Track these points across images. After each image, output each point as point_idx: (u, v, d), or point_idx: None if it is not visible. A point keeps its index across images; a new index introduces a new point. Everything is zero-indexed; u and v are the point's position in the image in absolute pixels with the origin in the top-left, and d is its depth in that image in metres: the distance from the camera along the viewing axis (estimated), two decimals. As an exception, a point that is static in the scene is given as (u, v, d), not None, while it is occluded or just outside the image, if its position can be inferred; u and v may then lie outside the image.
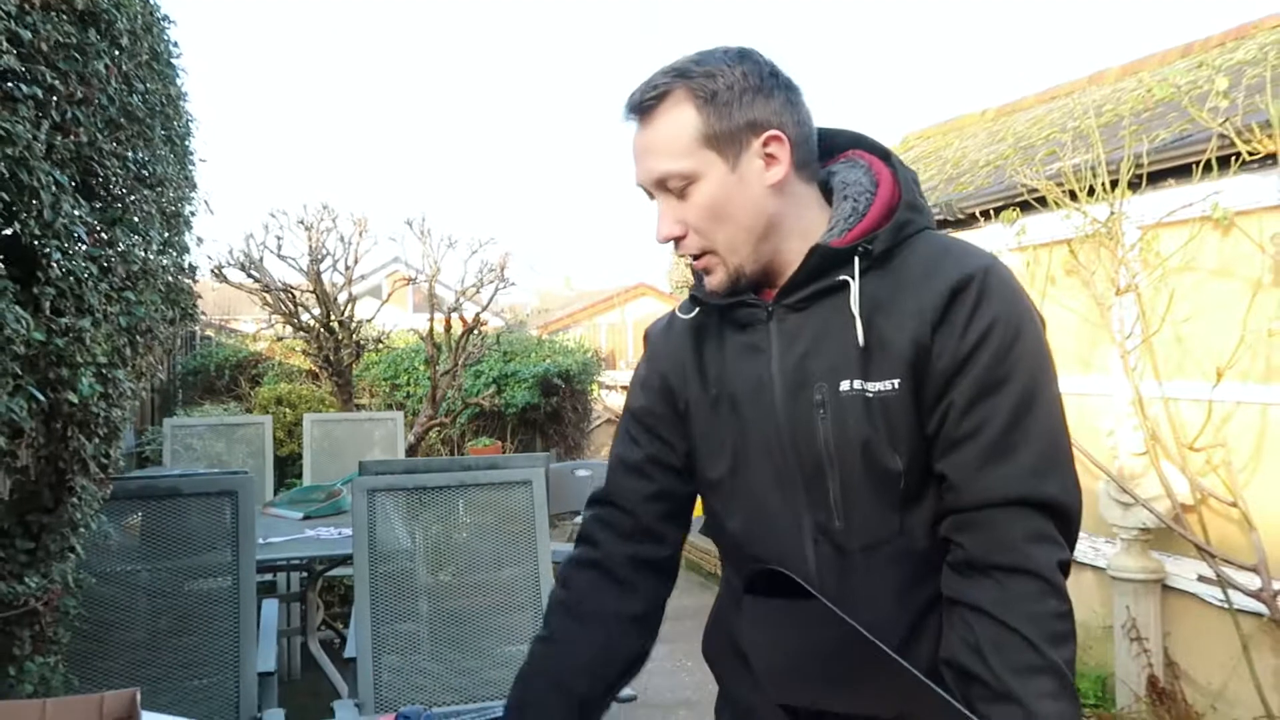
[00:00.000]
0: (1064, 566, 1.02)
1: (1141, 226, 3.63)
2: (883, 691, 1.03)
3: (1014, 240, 4.17)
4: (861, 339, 1.07)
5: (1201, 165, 3.28)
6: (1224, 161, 3.22)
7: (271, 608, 3.02)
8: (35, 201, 1.29)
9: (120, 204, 1.69)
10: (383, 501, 2.64)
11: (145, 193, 1.78)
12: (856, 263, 1.09)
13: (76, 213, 1.44)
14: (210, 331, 10.06)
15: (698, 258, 1.15)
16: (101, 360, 1.55)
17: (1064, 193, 3.72)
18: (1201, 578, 3.47)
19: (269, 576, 4.13)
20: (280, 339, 7.80)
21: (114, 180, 1.62)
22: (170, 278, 2.04)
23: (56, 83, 1.32)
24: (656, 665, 4.51)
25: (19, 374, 1.32)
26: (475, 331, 6.60)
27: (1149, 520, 3.51)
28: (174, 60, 2.05)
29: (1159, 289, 3.54)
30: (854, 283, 1.08)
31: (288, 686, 3.96)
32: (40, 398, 1.39)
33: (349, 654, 2.57)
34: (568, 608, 1.27)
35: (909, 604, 1.11)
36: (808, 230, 1.14)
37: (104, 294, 1.57)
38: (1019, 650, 0.97)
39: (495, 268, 6.80)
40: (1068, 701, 0.97)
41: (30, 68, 1.26)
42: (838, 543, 1.11)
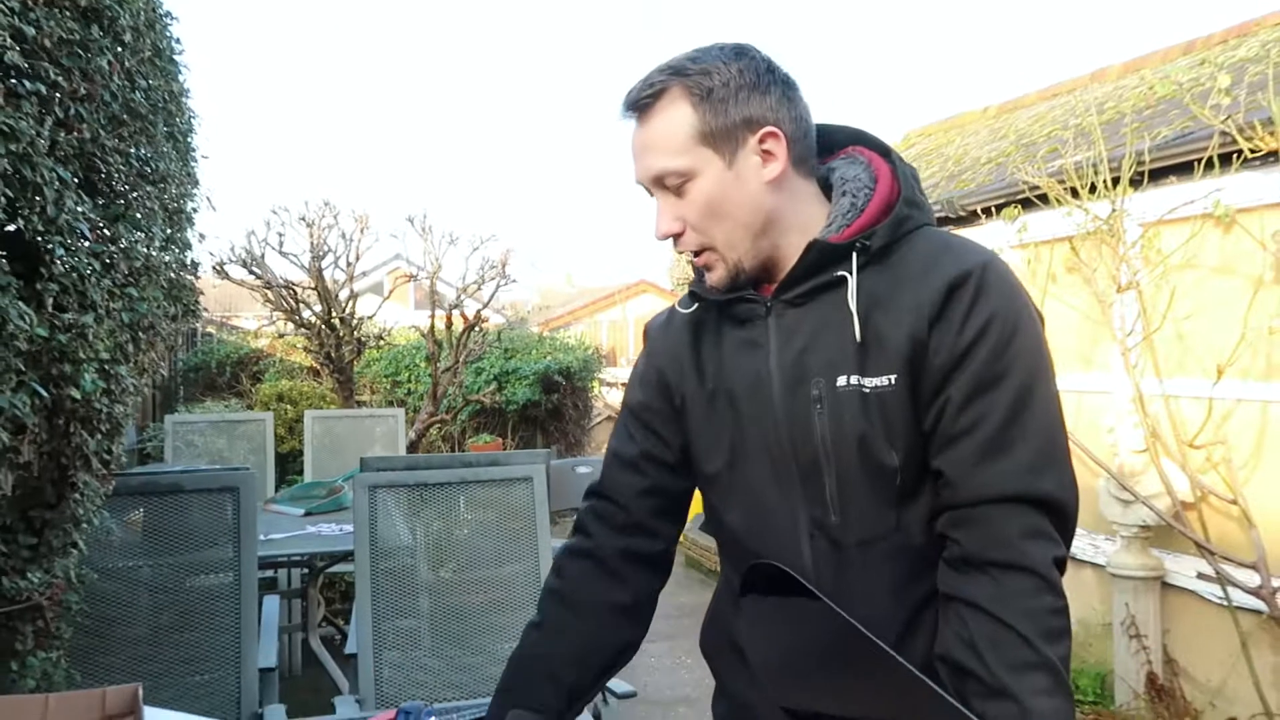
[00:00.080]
0: (1060, 563, 1.02)
1: (1143, 224, 3.63)
2: (878, 689, 1.03)
3: (1015, 237, 4.17)
4: (858, 334, 1.07)
5: (1203, 162, 3.28)
6: (1226, 159, 3.22)
7: (273, 604, 3.02)
8: (38, 198, 1.29)
9: (123, 200, 1.70)
10: (384, 498, 2.65)
11: (148, 189, 1.79)
12: (854, 258, 1.09)
13: (79, 209, 1.44)
14: (212, 328, 10.08)
15: (697, 254, 1.16)
16: (104, 356, 1.56)
17: (1065, 190, 3.72)
18: (1201, 575, 3.48)
19: (270, 573, 4.14)
20: (281, 336, 7.80)
21: (117, 177, 1.63)
22: (173, 274, 2.04)
23: (60, 79, 1.33)
24: (656, 662, 4.52)
25: (22, 370, 1.33)
26: (476, 328, 6.60)
27: (1149, 517, 3.52)
28: (176, 57, 2.05)
29: (1160, 286, 3.54)
30: (851, 278, 1.09)
31: (288, 682, 3.97)
32: (43, 394, 1.39)
33: (350, 650, 2.57)
34: (560, 596, 1.29)
35: (905, 599, 1.11)
36: (807, 226, 1.14)
37: (107, 290, 1.57)
38: (1014, 646, 0.98)
39: (496, 264, 6.80)
40: (1062, 698, 0.97)
41: (34, 64, 1.26)
42: (834, 538, 1.12)
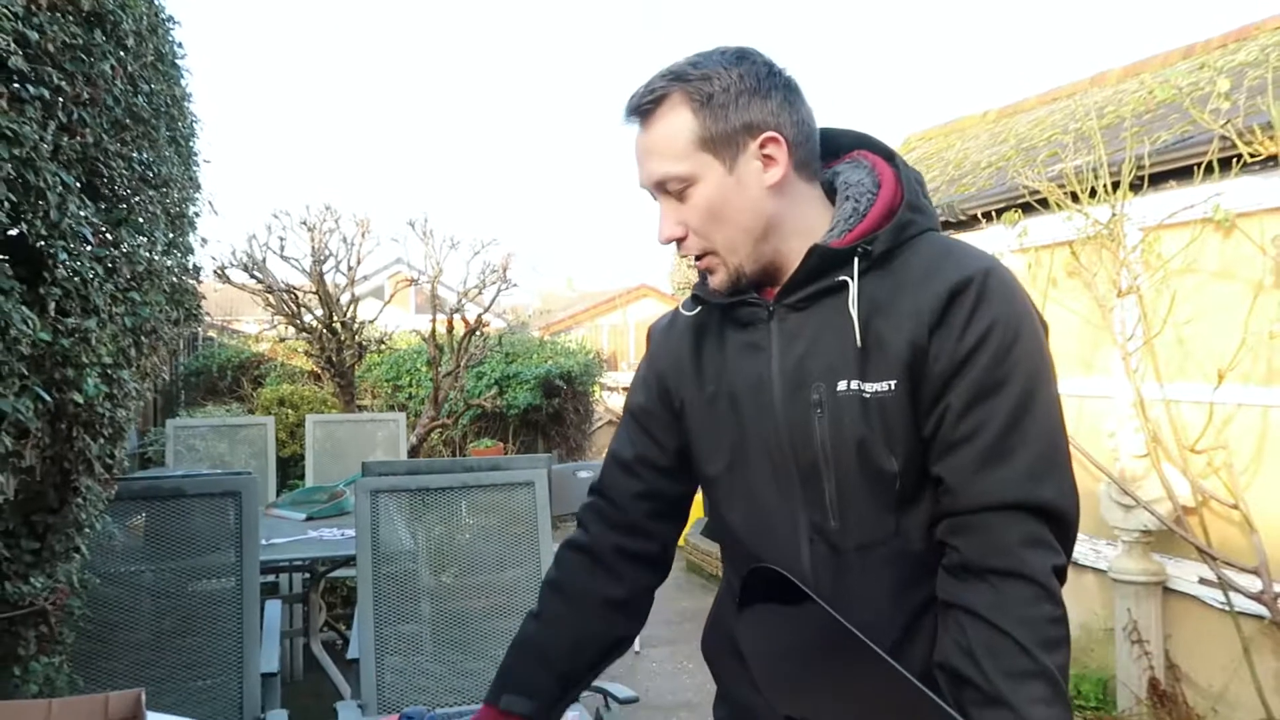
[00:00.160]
0: (1059, 572, 1.02)
1: (1143, 228, 3.63)
2: (876, 696, 1.03)
3: (1015, 242, 4.17)
4: (859, 339, 1.07)
5: (1203, 167, 3.28)
6: (1225, 163, 3.23)
7: (274, 609, 3.01)
8: (42, 202, 1.29)
9: (125, 205, 1.70)
10: (386, 503, 2.65)
11: (150, 193, 1.79)
12: (855, 263, 1.09)
13: (82, 213, 1.44)
14: (213, 332, 10.08)
15: (699, 258, 1.16)
16: (107, 361, 1.56)
17: (1066, 194, 3.72)
18: (1203, 580, 3.47)
19: (271, 577, 4.14)
20: (283, 340, 7.81)
21: (119, 181, 1.63)
22: (175, 278, 2.05)
23: (63, 84, 1.33)
24: (658, 667, 4.51)
25: (25, 374, 1.33)
26: (477, 333, 6.60)
27: (1150, 522, 3.52)
28: (178, 61, 2.06)
29: (1160, 291, 3.54)
30: (853, 283, 1.09)
31: (290, 688, 3.96)
32: (46, 398, 1.39)
33: (352, 655, 2.57)
34: (558, 588, 1.33)
35: (904, 605, 1.11)
36: (809, 230, 1.14)
37: (109, 294, 1.57)
38: (1012, 655, 0.97)
39: (498, 269, 6.81)
40: (1060, 708, 0.97)
41: (37, 68, 1.26)
42: (833, 542, 1.12)
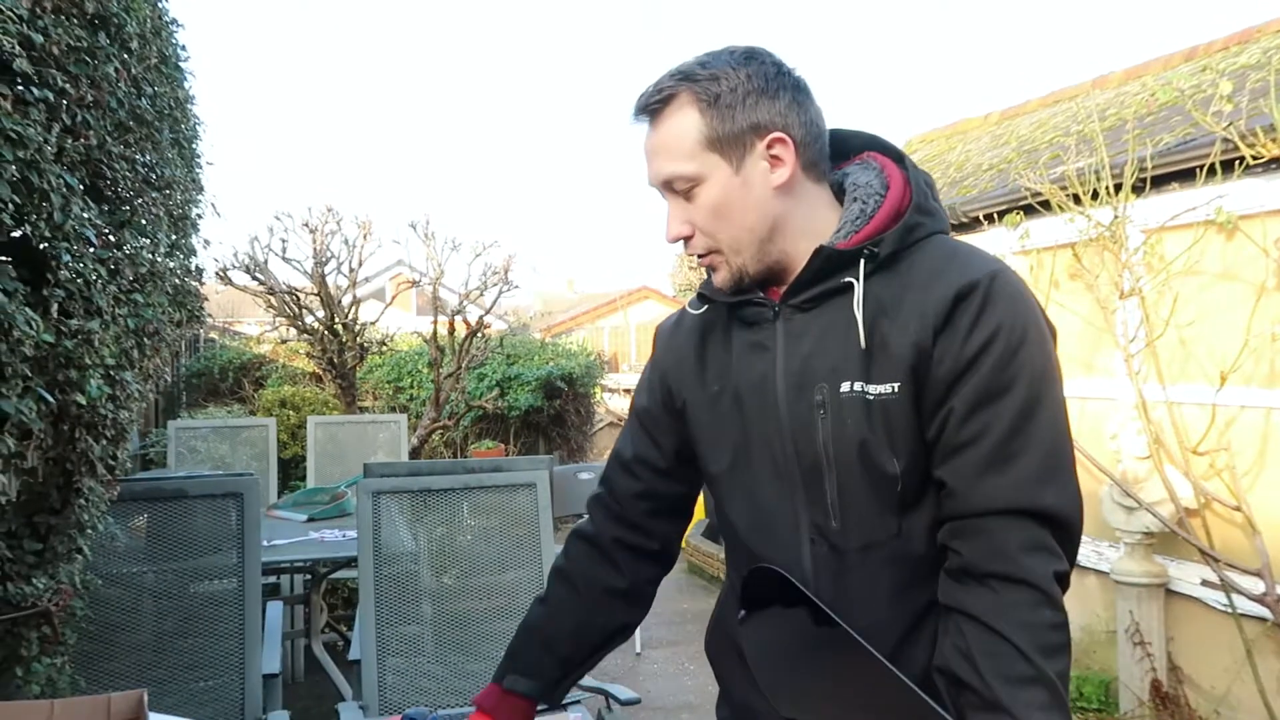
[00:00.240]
0: (1061, 578, 1.01)
1: (1145, 230, 3.63)
2: (874, 700, 1.03)
3: (1017, 244, 4.17)
4: (863, 341, 1.07)
5: (1205, 169, 3.28)
6: (1228, 165, 3.23)
7: (276, 610, 3.02)
8: (45, 204, 1.29)
9: (129, 207, 1.70)
10: (387, 504, 2.65)
11: (153, 195, 1.79)
12: (861, 265, 1.09)
13: (86, 215, 1.44)
14: (214, 334, 10.08)
15: (704, 256, 1.16)
16: (110, 362, 1.56)
17: (1068, 196, 3.72)
18: (1205, 582, 3.47)
19: (273, 579, 4.14)
20: (284, 341, 7.81)
21: (123, 183, 1.63)
22: (177, 280, 2.05)
23: (67, 86, 1.33)
24: (659, 668, 4.51)
25: (28, 376, 1.33)
26: (479, 334, 6.60)
27: (1152, 524, 3.51)
28: (181, 63, 2.06)
29: (1162, 293, 3.54)
30: (858, 285, 1.09)
31: (291, 689, 3.96)
32: (49, 399, 1.39)
33: (353, 656, 2.57)
34: (564, 575, 1.38)
35: (905, 607, 1.11)
36: (817, 231, 1.14)
37: (112, 296, 1.57)
38: (1011, 660, 0.97)
39: (499, 271, 6.81)
40: (1059, 714, 0.97)
41: (41, 71, 1.27)
42: (834, 543, 1.12)
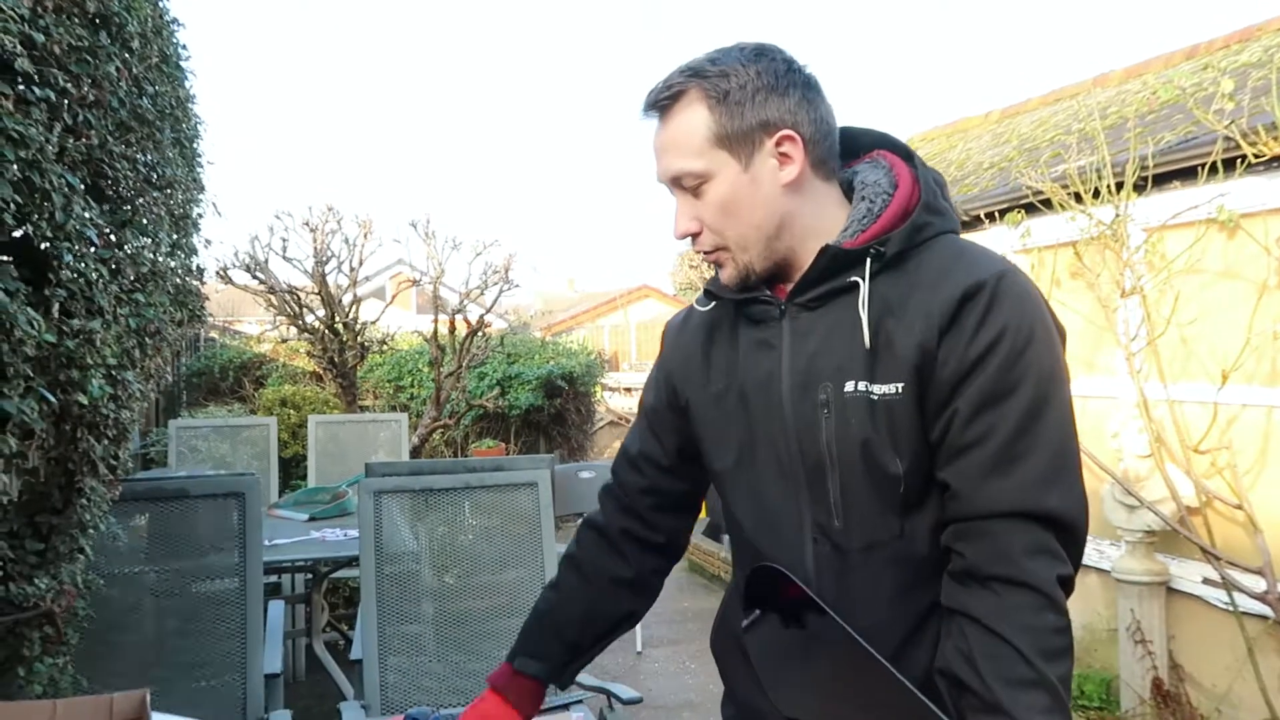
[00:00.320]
0: (1064, 582, 1.01)
1: (1146, 229, 3.63)
2: (875, 702, 1.03)
3: (1019, 242, 4.17)
4: (868, 341, 1.07)
5: (1207, 167, 3.28)
6: (1229, 164, 3.22)
7: (277, 609, 3.02)
8: (47, 204, 1.29)
9: (130, 206, 1.70)
10: (389, 503, 2.64)
11: (154, 195, 1.79)
12: (868, 264, 1.09)
13: (87, 215, 1.44)
14: (215, 333, 10.08)
15: (711, 253, 1.17)
16: (111, 362, 1.56)
17: (1069, 195, 3.72)
18: (1206, 580, 3.47)
19: (274, 578, 4.14)
20: (285, 341, 7.81)
21: (124, 183, 1.63)
22: (179, 279, 2.04)
23: (68, 85, 1.33)
24: (660, 667, 4.51)
25: (30, 376, 1.32)
26: (479, 333, 6.60)
27: (1154, 523, 3.51)
28: (182, 63, 2.06)
29: (1164, 291, 3.54)
30: (864, 284, 1.08)
31: (293, 688, 3.97)
32: (51, 399, 1.39)
33: (355, 656, 2.57)
34: (574, 563, 1.42)
35: (907, 608, 1.11)
36: (825, 229, 1.14)
37: (114, 296, 1.57)
38: (1012, 663, 0.97)
39: (499, 269, 6.81)
40: (1060, 718, 0.96)
41: (43, 70, 1.26)
42: (836, 542, 1.12)
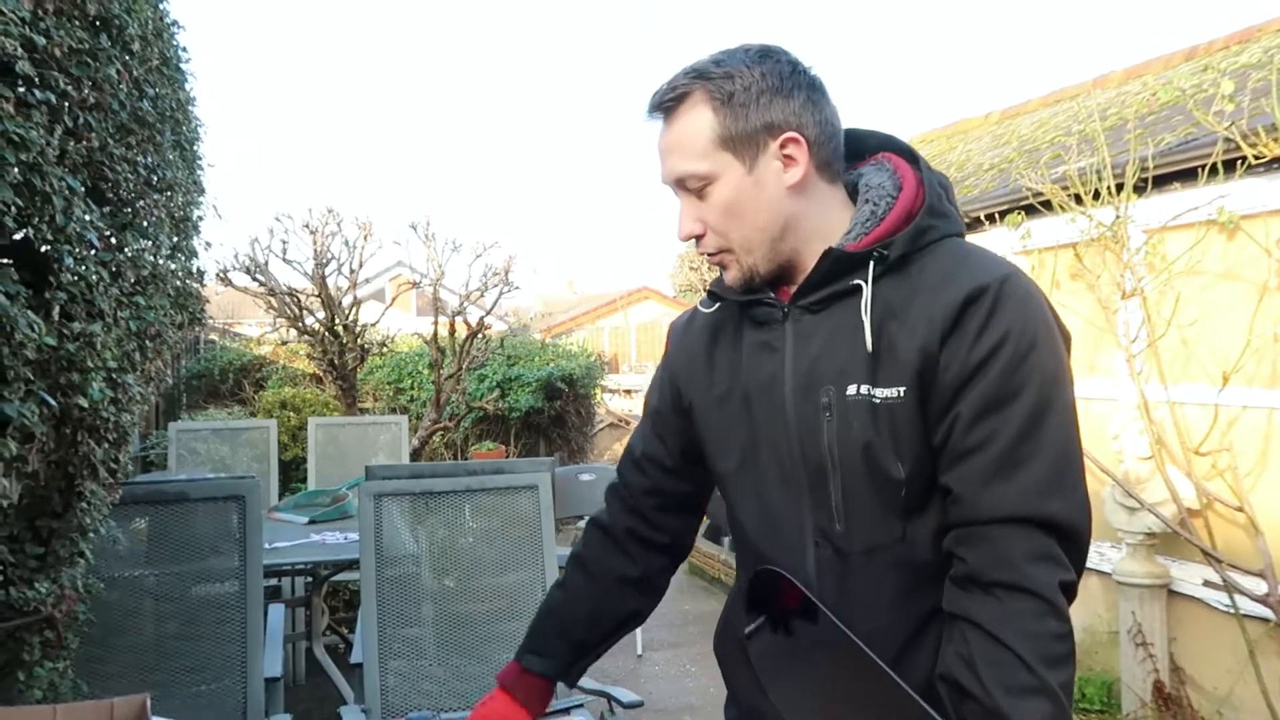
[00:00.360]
0: (1067, 588, 1.00)
1: (1147, 230, 3.63)
2: (875, 707, 1.03)
3: (1019, 244, 4.17)
4: (870, 344, 1.07)
5: (1207, 169, 3.28)
6: (1230, 165, 3.22)
7: (277, 613, 3.01)
8: (48, 206, 1.29)
9: (130, 209, 1.69)
10: (389, 506, 2.64)
11: (155, 197, 1.78)
12: (870, 267, 1.09)
13: (88, 218, 1.44)
14: (215, 335, 10.07)
15: (715, 255, 1.16)
16: (112, 365, 1.55)
17: (1069, 196, 3.72)
18: (1207, 583, 3.47)
19: (274, 581, 4.13)
20: (285, 343, 7.80)
21: (124, 185, 1.62)
22: (179, 282, 2.04)
23: (69, 88, 1.32)
24: (660, 670, 4.51)
25: (30, 379, 1.32)
26: (479, 335, 6.60)
27: (1154, 525, 3.51)
28: (183, 65, 2.06)
29: (1164, 293, 3.54)
30: (866, 287, 1.08)
31: (292, 692, 3.96)
32: (51, 402, 1.39)
33: (355, 659, 2.57)
34: (581, 561, 1.42)
35: (908, 612, 1.10)
36: (829, 232, 1.14)
37: (114, 299, 1.57)
38: (1013, 670, 0.96)
39: (499, 271, 6.80)
40: None
41: (44, 73, 1.26)
42: (838, 546, 1.12)
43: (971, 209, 4.45)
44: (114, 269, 1.58)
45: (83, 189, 1.42)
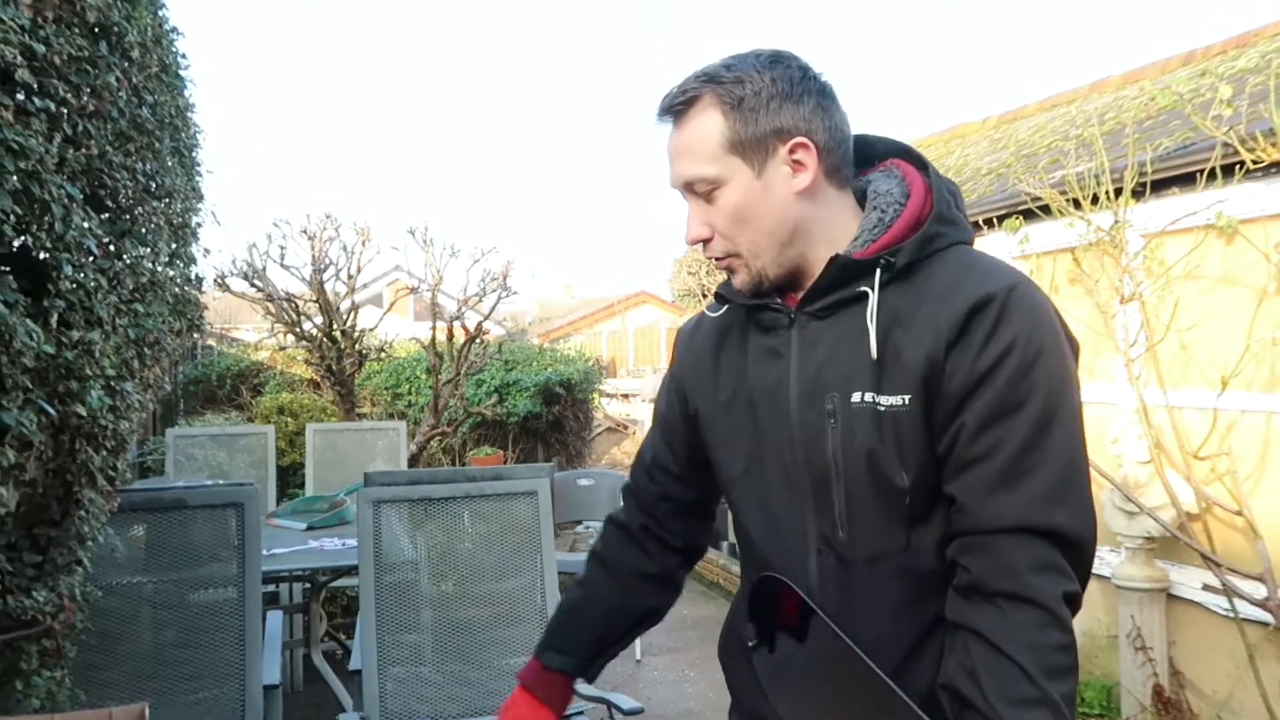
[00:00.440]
0: (1070, 599, 0.99)
1: (1145, 235, 3.63)
2: (875, 714, 1.02)
3: (1017, 248, 4.18)
4: (875, 351, 1.06)
5: (1205, 173, 3.28)
6: (1228, 170, 3.23)
7: (275, 619, 3.00)
8: (46, 215, 1.28)
9: (129, 216, 1.69)
10: (388, 513, 2.64)
11: (153, 204, 1.78)
12: (877, 275, 1.08)
13: (86, 225, 1.43)
14: (212, 340, 10.05)
15: (722, 259, 1.16)
16: (110, 373, 1.55)
17: (1068, 201, 3.72)
18: (1207, 586, 3.46)
19: (271, 587, 4.12)
20: (282, 348, 7.79)
21: (123, 192, 1.62)
22: (177, 289, 2.04)
23: (69, 96, 1.32)
24: (659, 675, 4.50)
25: (29, 387, 1.32)
26: (477, 340, 6.59)
27: (1154, 529, 3.51)
28: (182, 72, 2.06)
29: (1163, 297, 3.54)
30: (872, 295, 1.08)
31: (291, 699, 3.94)
32: (50, 411, 1.38)
33: (354, 666, 2.56)
34: (600, 559, 1.43)
35: (911, 621, 1.10)
36: (837, 238, 1.14)
37: (113, 306, 1.57)
38: (1015, 681, 0.96)
39: (497, 276, 6.80)
40: None
41: (43, 81, 1.26)
42: (840, 553, 1.11)
43: (969, 214, 4.41)
44: (113, 276, 1.58)
45: (81, 196, 1.41)
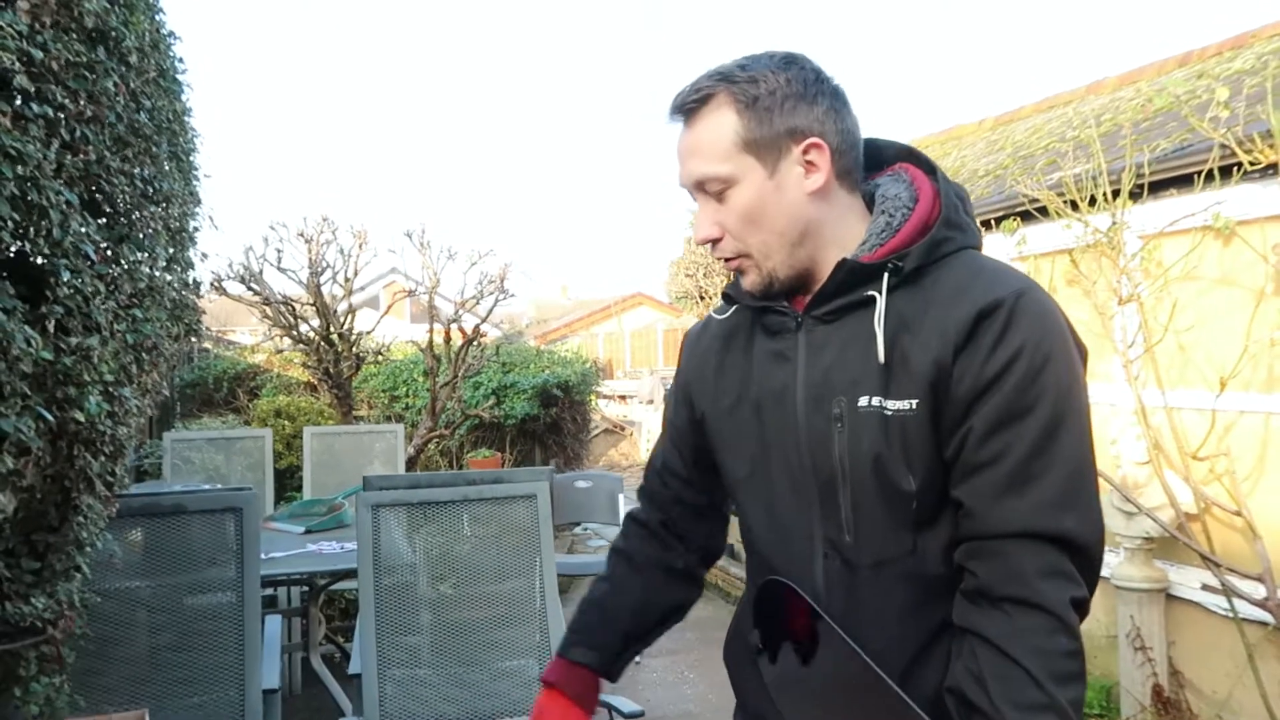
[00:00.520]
0: (1078, 604, 0.99)
1: (1143, 236, 3.63)
2: (880, 718, 1.02)
3: (1014, 250, 4.18)
4: (882, 356, 1.06)
5: (1203, 175, 3.28)
6: (1225, 171, 3.23)
7: (274, 623, 3.00)
8: (44, 220, 1.28)
9: (127, 221, 1.69)
10: (386, 516, 2.63)
11: (151, 209, 1.78)
12: (885, 279, 1.08)
13: (84, 231, 1.43)
14: (209, 344, 10.04)
15: (732, 259, 1.16)
16: (108, 378, 1.54)
17: (1065, 202, 3.73)
18: (1206, 587, 3.47)
19: (269, 591, 4.11)
20: (279, 351, 7.78)
21: (121, 198, 1.62)
22: (175, 294, 2.03)
23: (66, 101, 1.32)
24: (659, 677, 4.50)
25: (27, 393, 1.31)
26: (475, 343, 6.59)
27: (1152, 529, 3.51)
28: (179, 76, 2.05)
29: (1161, 298, 3.55)
30: (880, 299, 1.08)
31: (290, 703, 3.94)
32: (48, 417, 1.38)
33: (353, 670, 2.55)
34: (624, 554, 1.42)
35: (917, 626, 1.09)
36: (846, 241, 1.14)
37: (111, 312, 1.56)
38: (1022, 685, 0.96)
39: (495, 279, 6.80)
40: None
41: (41, 86, 1.26)
42: (846, 557, 1.11)
43: (967, 215, 4.45)
44: (110, 282, 1.58)
45: (79, 202, 1.41)
